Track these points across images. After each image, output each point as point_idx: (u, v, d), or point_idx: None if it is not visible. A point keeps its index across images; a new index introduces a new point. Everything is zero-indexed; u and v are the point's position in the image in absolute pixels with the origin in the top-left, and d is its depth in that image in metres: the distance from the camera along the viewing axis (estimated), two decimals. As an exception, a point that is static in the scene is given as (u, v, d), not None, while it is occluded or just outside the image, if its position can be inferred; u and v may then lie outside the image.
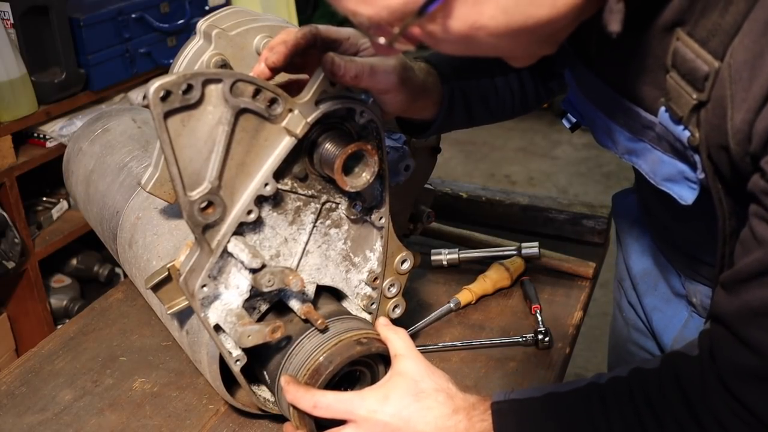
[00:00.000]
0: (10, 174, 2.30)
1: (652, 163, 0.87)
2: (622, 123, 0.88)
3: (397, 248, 1.04)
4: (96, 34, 2.46)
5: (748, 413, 0.73)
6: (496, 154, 4.80)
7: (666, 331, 1.17)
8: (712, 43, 0.68)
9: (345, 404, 0.88)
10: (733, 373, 0.74)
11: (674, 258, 1.12)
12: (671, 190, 0.86)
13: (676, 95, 0.74)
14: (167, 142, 0.78)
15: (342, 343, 0.92)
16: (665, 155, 0.84)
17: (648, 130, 0.84)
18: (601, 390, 0.83)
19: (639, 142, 0.87)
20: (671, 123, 0.77)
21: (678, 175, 0.84)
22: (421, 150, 1.23)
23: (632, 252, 1.25)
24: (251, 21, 0.98)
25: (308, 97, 0.86)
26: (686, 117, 0.74)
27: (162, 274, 0.93)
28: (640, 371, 0.82)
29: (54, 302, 2.61)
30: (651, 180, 0.89)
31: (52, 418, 1.07)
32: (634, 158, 0.90)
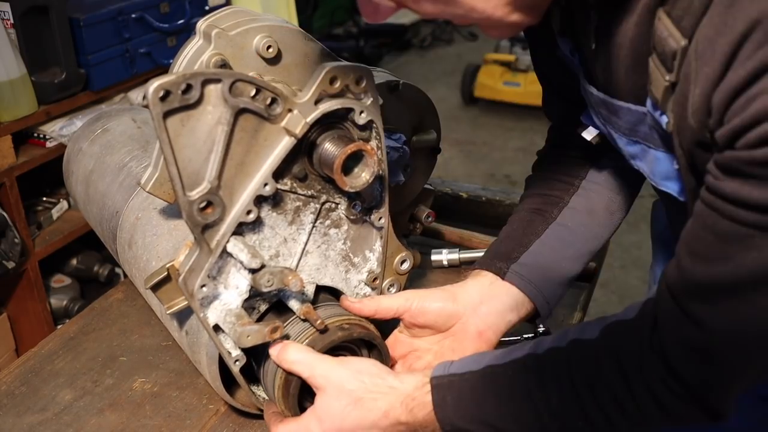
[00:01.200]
0: (10, 174, 2.30)
1: (650, 164, 0.86)
2: (617, 127, 0.88)
3: (397, 248, 1.04)
4: (96, 34, 2.46)
5: (682, 386, 0.73)
6: (496, 154, 4.80)
7: None
8: (684, 22, 0.67)
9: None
10: (674, 344, 0.73)
11: None
12: (671, 189, 0.86)
13: (654, 78, 0.74)
14: (166, 141, 0.78)
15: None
16: (659, 152, 0.83)
17: (640, 127, 0.83)
18: (540, 362, 0.82)
19: (635, 144, 0.86)
20: (653, 109, 0.76)
21: (674, 171, 0.83)
22: (421, 150, 1.23)
23: (660, 260, 1.23)
24: (251, 21, 0.98)
25: (307, 97, 0.86)
26: (661, 101, 0.73)
27: (161, 274, 0.93)
28: (578, 342, 0.82)
29: (54, 302, 2.62)
30: (652, 182, 0.88)
31: (52, 418, 1.07)
32: (637, 162, 0.89)
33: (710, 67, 0.63)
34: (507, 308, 1.01)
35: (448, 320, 0.99)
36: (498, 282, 1.02)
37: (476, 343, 0.99)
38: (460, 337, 0.99)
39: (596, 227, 1.08)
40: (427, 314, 0.99)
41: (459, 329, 0.99)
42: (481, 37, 6.83)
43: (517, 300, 1.01)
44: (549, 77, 1.11)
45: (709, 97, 0.64)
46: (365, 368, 0.89)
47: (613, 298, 3.33)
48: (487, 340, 0.99)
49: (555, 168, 1.12)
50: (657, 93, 0.74)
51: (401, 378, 0.88)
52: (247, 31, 0.95)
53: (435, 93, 5.50)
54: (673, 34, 0.68)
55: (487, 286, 1.01)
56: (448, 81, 5.90)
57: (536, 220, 1.07)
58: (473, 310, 0.99)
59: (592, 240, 1.08)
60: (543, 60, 1.09)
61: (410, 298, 0.99)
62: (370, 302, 0.99)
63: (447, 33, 6.85)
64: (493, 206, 1.54)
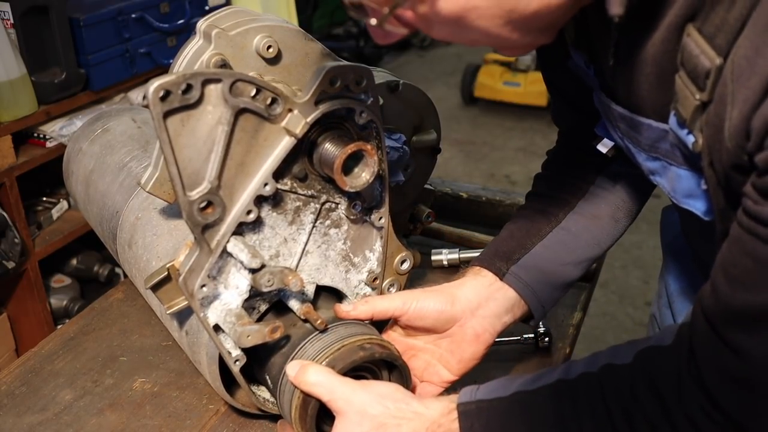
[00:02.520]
0: (10, 174, 2.30)
1: (671, 181, 0.84)
2: (636, 142, 0.85)
3: (397, 248, 1.04)
4: (96, 34, 2.46)
5: (722, 415, 0.71)
6: (496, 154, 4.80)
7: None
8: (717, 39, 0.65)
9: None
10: (712, 372, 0.71)
11: None
12: (693, 207, 0.82)
13: (682, 96, 0.71)
14: (167, 141, 0.78)
15: (345, 348, 0.91)
16: (681, 169, 0.80)
17: (661, 144, 0.80)
18: (571, 388, 0.80)
19: (656, 160, 0.84)
20: (678, 128, 0.74)
21: (697, 188, 0.80)
22: (421, 150, 1.23)
23: (671, 270, 1.22)
24: (251, 21, 0.98)
25: (308, 97, 0.86)
26: (689, 119, 0.71)
27: (161, 274, 0.93)
28: (611, 368, 0.79)
29: (54, 302, 2.62)
30: (673, 199, 0.85)
31: (52, 418, 1.07)
32: (657, 178, 0.87)
33: (749, 89, 0.61)
34: (503, 310, 1.00)
35: (445, 323, 0.98)
36: (496, 283, 1.01)
37: (473, 345, 0.98)
38: (457, 339, 0.98)
39: (599, 234, 1.07)
40: (425, 318, 0.97)
41: (456, 331, 0.98)
42: (481, 37, 6.82)
43: (513, 302, 1.01)
44: (559, 87, 1.09)
45: (748, 119, 0.62)
46: (388, 393, 0.86)
47: (614, 298, 3.34)
48: (485, 342, 0.99)
49: (565, 170, 1.11)
50: (684, 111, 0.71)
51: (426, 403, 0.85)
52: (247, 31, 0.95)
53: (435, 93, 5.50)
54: (706, 51, 0.66)
55: (485, 287, 1.00)
56: (448, 81, 5.90)
57: (540, 221, 1.05)
58: (471, 312, 0.98)
59: (594, 246, 1.07)
60: (553, 70, 1.07)
61: (407, 300, 0.97)
62: (364, 307, 0.96)
63: (447, 33, 6.84)
64: (493, 206, 1.54)
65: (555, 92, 1.11)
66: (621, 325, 3.16)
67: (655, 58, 0.75)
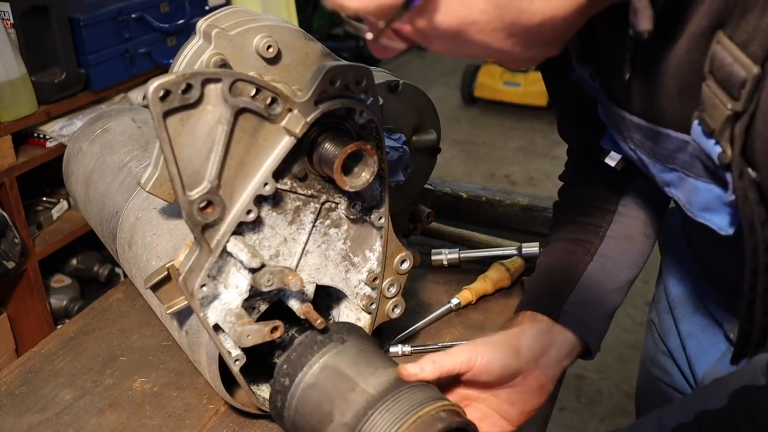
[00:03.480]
0: (10, 174, 2.30)
1: (687, 193, 0.82)
2: (651, 153, 0.83)
3: (397, 248, 1.04)
4: (96, 34, 2.46)
5: None
6: (496, 154, 4.80)
7: (699, 360, 1.12)
8: (752, 47, 0.63)
9: None
10: None
11: (715, 287, 1.07)
12: (710, 222, 0.80)
13: (710, 105, 0.69)
14: (166, 141, 0.78)
15: (420, 420, 0.81)
16: (699, 181, 0.78)
17: (679, 155, 0.78)
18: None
19: (671, 171, 0.82)
20: (703, 138, 0.72)
21: (716, 202, 0.78)
22: (421, 150, 1.23)
23: (672, 275, 1.20)
24: (251, 21, 0.98)
25: (307, 96, 0.86)
26: (719, 130, 0.68)
27: (161, 274, 0.93)
28: (708, 414, 0.76)
29: (54, 302, 2.62)
30: (688, 212, 0.83)
31: (52, 418, 1.07)
32: (673, 190, 0.85)
33: None
34: (564, 355, 0.97)
35: (510, 377, 0.93)
36: (555, 328, 0.97)
37: (537, 396, 0.95)
38: (520, 390, 0.94)
39: (635, 254, 1.05)
40: (491, 372, 0.91)
41: (519, 383, 0.94)
42: (481, 37, 6.83)
43: (573, 345, 0.98)
44: (562, 100, 1.07)
45: None
46: None
47: (613, 298, 3.33)
48: (547, 392, 0.95)
49: (587, 193, 1.09)
50: (712, 121, 0.69)
51: None
52: (247, 31, 0.95)
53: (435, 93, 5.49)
54: (741, 60, 0.64)
55: (545, 334, 0.96)
56: (448, 81, 5.90)
57: (577, 251, 1.03)
58: (535, 363, 0.94)
59: (632, 268, 1.05)
60: (556, 83, 1.05)
61: (472, 356, 0.90)
62: (431, 368, 0.87)
63: (447, 33, 6.85)
64: (493, 206, 1.54)
65: (558, 104, 1.10)
66: (621, 325, 3.16)
67: (677, 67, 0.73)
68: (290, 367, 0.89)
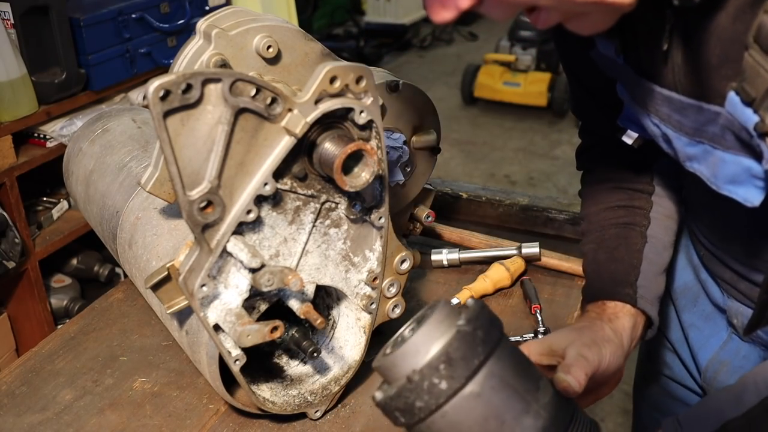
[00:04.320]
0: (11, 174, 2.30)
1: (713, 166, 0.83)
2: (678, 126, 0.85)
3: (397, 248, 1.04)
4: (96, 34, 2.46)
5: None
6: (496, 154, 4.80)
7: (702, 350, 1.15)
8: None
9: None
10: None
11: (719, 273, 1.09)
12: (735, 194, 0.82)
13: (752, 74, 0.71)
14: (167, 141, 0.79)
15: None
16: (728, 153, 0.80)
17: (709, 127, 0.80)
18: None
19: (698, 144, 0.84)
20: (739, 107, 0.74)
21: (743, 174, 0.80)
22: (421, 150, 1.23)
23: (674, 265, 1.21)
24: (251, 21, 0.98)
25: (307, 96, 0.86)
26: (759, 98, 0.71)
27: (161, 274, 0.93)
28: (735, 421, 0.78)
29: (54, 302, 2.62)
30: (713, 185, 0.85)
31: (53, 418, 1.07)
32: (695, 164, 0.87)
33: None
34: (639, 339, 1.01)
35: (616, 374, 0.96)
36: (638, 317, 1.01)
37: (615, 383, 0.98)
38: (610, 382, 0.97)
39: (673, 235, 1.09)
40: (609, 371, 0.93)
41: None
42: (482, 37, 6.83)
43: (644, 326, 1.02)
44: (581, 78, 1.09)
45: None
46: None
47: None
48: (621, 377, 0.98)
49: (622, 177, 1.11)
50: (753, 90, 0.71)
51: None
52: (247, 31, 0.96)
53: (435, 93, 5.50)
54: None
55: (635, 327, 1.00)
56: (448, 81, 5.91)
57: (631, 235, 1.06)
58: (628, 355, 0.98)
59: (670, 248, 1.09)
60: (575, 61, 1.07)
61: (602, 361, 0.91)
62: (584, 380, 0.84)
63: (447, 33, 6.86)
64: (493, 206, 1.54)
65: (576, 83, 1.12)
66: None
67: (720, 38, 0.74)
68: (451, 369, 0.70)
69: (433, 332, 0.70)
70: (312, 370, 1.08)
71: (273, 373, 1.08)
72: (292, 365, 1.09)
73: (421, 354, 0.69)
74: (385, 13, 6.54)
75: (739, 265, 1.02)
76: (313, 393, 1.05)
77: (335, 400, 1.07)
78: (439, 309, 0.71)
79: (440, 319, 0.71)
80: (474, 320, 0.71)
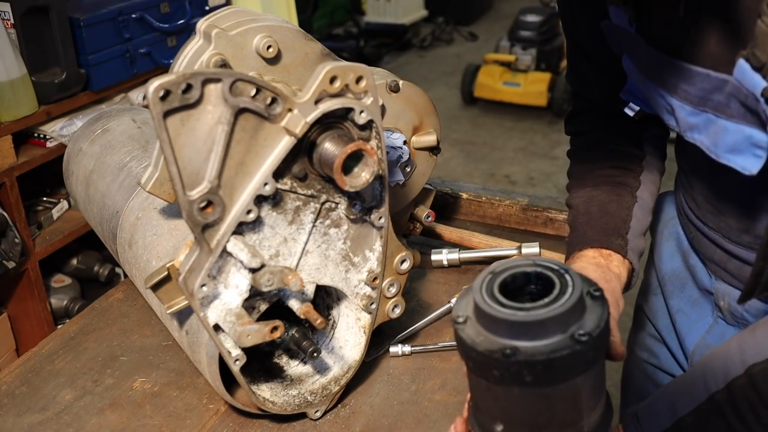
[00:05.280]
0: (11, 174, 2.30)
1: (714, 135, 0.87)
2: (683, 96, 0.88)
3: (397, 248, 1.04)
4: (96, 34, 2.46)
5: None
6: (496, 154, 4.80)
7: (689, 335, 1.18)
8: None
9: None
10: None
11: (708, 254, 1.11)
12: (733, 163, 0.85)
13: (764, 40, 0.74)
14: (167, 141, 0.79)
15: None
16: (730, 122, 0.83)
17: (714, 95, 0.83)
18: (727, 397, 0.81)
19: (701, 113, 0.87)
20: (749, 73, 0.76)
21: (743, 142, 0.83)
22: (421, 150, 1.23)
23: (663, 252, 1.25)
24: (251, 21, 0.98)
25: (307, 96, 0.86)
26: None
27: (161, 274, 0.93)
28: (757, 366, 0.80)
29: (54, 302, 2.62)
30: (712, 154, 0.88)
31: (53, 418, 1.07)
32: (696, 134, 0.90)
33: None
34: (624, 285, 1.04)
35: None
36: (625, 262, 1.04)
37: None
38: None
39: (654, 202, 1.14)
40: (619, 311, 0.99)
41: None
42: (482, 37, 6.83)
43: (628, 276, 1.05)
44: (587, 50, 1.13)
45: None
46: None
47: (613, 298, 3.33)
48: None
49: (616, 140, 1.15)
50: (764, 55, 0.74)
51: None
52: (247, 31, 0.96)
53: (435, 93, 5.50)
54: None
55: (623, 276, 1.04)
56: (448, 81, 5.90)
57: (624, 193, 1.10)
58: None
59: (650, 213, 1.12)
60: (583, 32, 1.11)
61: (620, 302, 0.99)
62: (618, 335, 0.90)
63: (447, 33, 6.86)
64: (493, 206, 1.54)
65: (580, 55, 1.15)
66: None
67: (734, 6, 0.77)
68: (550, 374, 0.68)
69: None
70: (312, 370, 1.08)
71: (273, 373, 1.08)
72: (292, 365, 1.09)
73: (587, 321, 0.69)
74: (385, 13, 6.54)
75: (729, 243, 1.05)
76: (313, 393, 1.05)
77: (335, 400, 1.07)
78: None
79: None
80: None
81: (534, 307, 0.68)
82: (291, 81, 1.00)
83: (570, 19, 1.13)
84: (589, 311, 0.70)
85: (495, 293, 0.71)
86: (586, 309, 0.70)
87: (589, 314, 0.70)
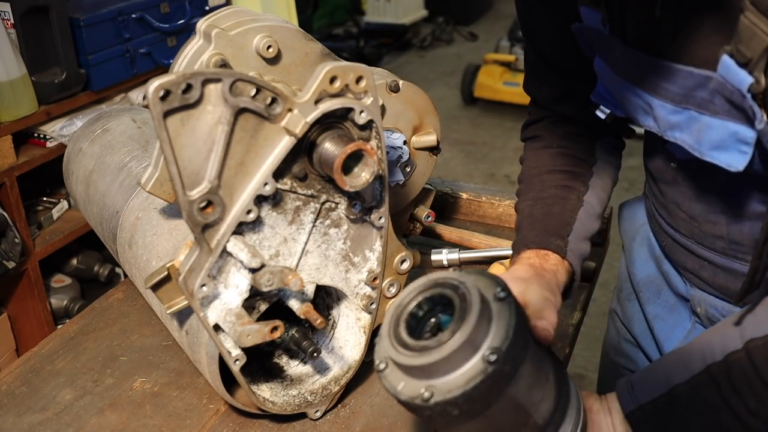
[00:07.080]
0: (11, 174, 2.30)
1: (697, 133, 0.85)
2: (664, 94, 0.87)
3: (397, 248, 1.04)
4: (96, 34, 2.46)
5: None
6: (496, 154, 4.80)
7: (667, 341, 1.17)
8: None
9: None
10: None
11: (681, 262, 1.10)
12: (718, 160, 0.84)
13: (748, 36, 0.73)
14: (167, 141, 0.79)
15: None
16: (715, 118, 0.82)
17: (698, 92, 0.82)
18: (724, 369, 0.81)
19: (683, 111, 0.86)
20: (733, 69, 0.75)
21: (729, 139, 0.82)
22: (421, 150, 1.23)
23: (636, 259, 1.24)
24: (251, 21, 0.98)
25: (307, 96, 0.86)
26: (756, 59, 0.72)
27: (161, 274, 0.93)
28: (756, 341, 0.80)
29: (54, 302, 2.62)
30: (695, 152, 0.87)
31: (53, 418, 1.07)
32: (677, 133, 0.89)
33: None
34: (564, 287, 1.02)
35: None
36: (564, 264, 1.02)
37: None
38: None
39: (603, 209, 1.13)
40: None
41: None
42: (482, 37, 6.83)
43: (569, 278, 1.03)
44: (548, 56, 1.12)
45: None
46: None
47: (613, 298, 3.33)
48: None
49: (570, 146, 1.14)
50: (749, 51, 0.73)
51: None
52: (247, 31, 0.96)
53: (435, 93, 5.50)
54: None
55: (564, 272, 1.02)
56: (448, 81, 5.90)
57: (570, 197, 1.09)
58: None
59: (598, 219, 1.11)
60: (546, 38, 1.10)
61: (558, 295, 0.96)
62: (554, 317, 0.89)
63: (447, 33, 6.86)
64: (493, 206, 1.54)
65: (540, 60, 1.14)
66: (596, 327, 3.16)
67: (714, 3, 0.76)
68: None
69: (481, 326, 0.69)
70: (312, 370, 1.08)
71: (273, 373, 1.08)
72: (292, 365, 1.09)
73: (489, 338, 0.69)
74: (385, 13, 6.54)
75: (703, 249, 1.03)
76: (313, 393, 1.06)
77: (335, 400, 1.07)
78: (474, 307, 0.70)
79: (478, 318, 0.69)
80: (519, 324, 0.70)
81: (439, 343, 0.68)
82: (291, 81, 1.00)
83: (531, 26, 1.12)
84: (497, 320, 0.69)
85: (402, 335, 0.72)
86: (492, 319, 0.69)
87: (496, 324, 0.69)
